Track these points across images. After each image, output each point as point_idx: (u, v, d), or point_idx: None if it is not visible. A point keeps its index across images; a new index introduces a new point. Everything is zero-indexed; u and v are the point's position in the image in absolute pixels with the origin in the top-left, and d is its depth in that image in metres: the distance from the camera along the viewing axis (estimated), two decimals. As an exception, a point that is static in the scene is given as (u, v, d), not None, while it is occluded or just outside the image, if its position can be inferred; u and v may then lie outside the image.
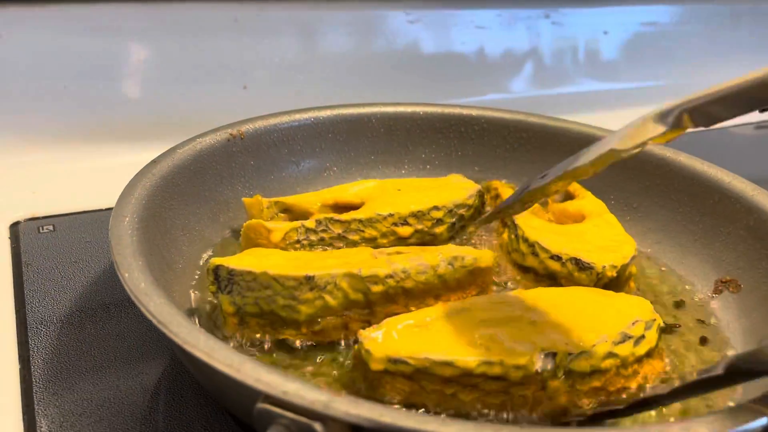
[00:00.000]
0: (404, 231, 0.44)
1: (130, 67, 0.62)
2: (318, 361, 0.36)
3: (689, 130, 0.30)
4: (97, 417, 0.34)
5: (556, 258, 0.42)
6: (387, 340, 0.33)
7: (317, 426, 0.24)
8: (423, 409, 0.32)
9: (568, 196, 0.51)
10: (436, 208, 0.45)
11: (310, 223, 0.42)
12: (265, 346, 0.36)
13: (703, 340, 0.40)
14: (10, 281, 0.44)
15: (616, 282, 0.41)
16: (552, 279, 0.42)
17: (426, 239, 0.45)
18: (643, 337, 0.35)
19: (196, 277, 0.41)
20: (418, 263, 0.38)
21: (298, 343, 0.37)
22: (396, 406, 0.32)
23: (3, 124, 0.58)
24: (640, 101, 0.89)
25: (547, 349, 0.32)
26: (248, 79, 0.67)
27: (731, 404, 0.34)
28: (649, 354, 0.35)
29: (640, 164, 0.51)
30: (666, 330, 0.40)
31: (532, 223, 0.45)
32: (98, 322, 0.41)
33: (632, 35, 0.91)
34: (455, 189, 0.47)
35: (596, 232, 0.44)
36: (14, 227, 0.49)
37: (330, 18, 0.70)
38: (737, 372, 0.28)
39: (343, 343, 0.37)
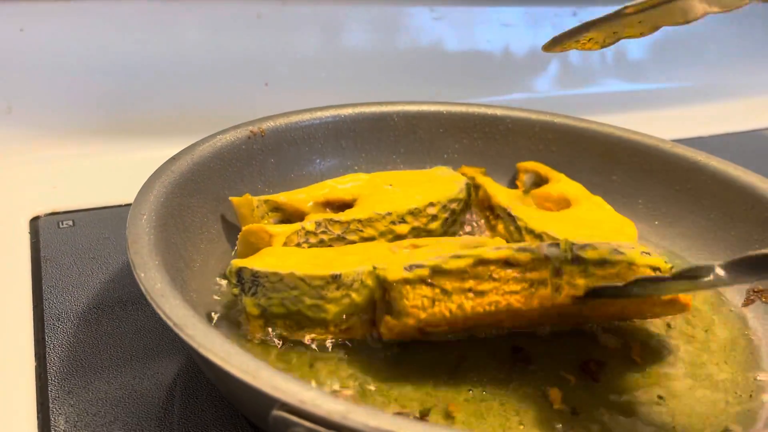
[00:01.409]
0: (401, 229, 0.44)
1: (152, 62, 0.62)
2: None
3: None
4: (112, 417, 0.33)
5: None
6: (400, 257, 0.36)
7: (334, 436, 0.23)
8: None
9: (542, 181, 0.51)
10: (431, 204, 0.45)
11: (310, 225, 0.42)
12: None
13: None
14: (29, 276, 0.44)
15: None
16: None
17: (421, 235, 0.45)
18: (648, 253, 0.37)
19: (215, 276, 0.40)
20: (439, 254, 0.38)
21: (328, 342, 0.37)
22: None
23: (24, 119, 0.58)
24: (668, 102, 0.87)
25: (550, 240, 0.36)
26: (270, 75, 0.66)
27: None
28: (658, 270, 0.37)
29: (670, 168, 0.49)
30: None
31: (529, 213, 0.45)
32: (115, 320, 0.40)
33: (662, 34, 0.88)
34: (445, 183, 0.47)
35: (592, 216, 0.45)
36: (34, 222, 0.49)
37: (353, 14, 0.69)
38: None
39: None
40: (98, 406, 0.34)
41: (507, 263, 0.34)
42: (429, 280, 0.34)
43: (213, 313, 0.38)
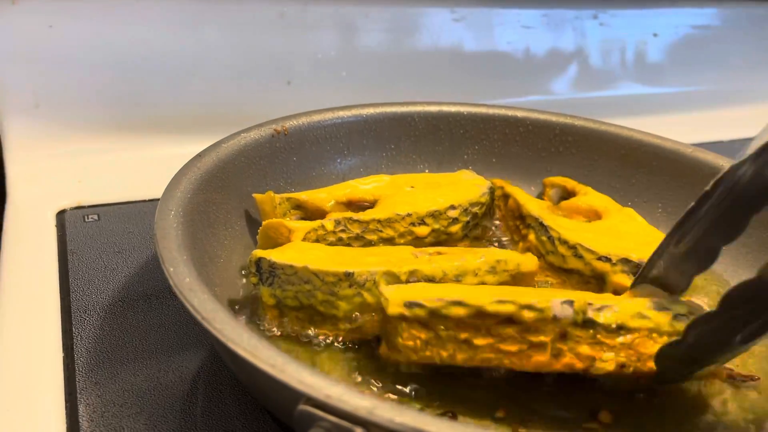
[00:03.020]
0: (421, 231, 0.44)
1: (177, 60, 0.63)
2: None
3: None
4: (138, 408, 0.34)
5: (605, 259, 0.41)
6: (405, 289, 0.34)
7: (359, 431, 0.24)
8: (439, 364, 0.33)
9: (569, 194, 0.50)
10: (452, 207, 0.45)
11: (329, 223, 0.42)
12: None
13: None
14: (56, 269, 0.44)
15: None
16: (599, 279, 0.41)
17: (441, 238, 0.45)
18: (686, 316, 0.33)
19: (238, 271, 0.41)
20: (459, 265, 0.38)
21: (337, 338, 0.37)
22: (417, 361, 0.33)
23: (52, 114, 0.59)
24: (688, 106, 0.87)
25: (564, 297, 0.32)
26: (293, 74, 0.67)
27: None
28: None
29: (690, 172, 0.49)
30: None
31: (562, 224, 0.45)
32: (140, 313, 0.41)
33: (683, 38, 0.88)
34: (468, 186, 0.47)
35: (626, 228, 0.44)
36: (60, 215, 0.50)
37: (375, 14, 0.70)
38: None
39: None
40: (124, 397, 0.35)
41: (508, 320, 0.32)
42: (426, 322, 0.32)
43: (235, 308, 0.38)
